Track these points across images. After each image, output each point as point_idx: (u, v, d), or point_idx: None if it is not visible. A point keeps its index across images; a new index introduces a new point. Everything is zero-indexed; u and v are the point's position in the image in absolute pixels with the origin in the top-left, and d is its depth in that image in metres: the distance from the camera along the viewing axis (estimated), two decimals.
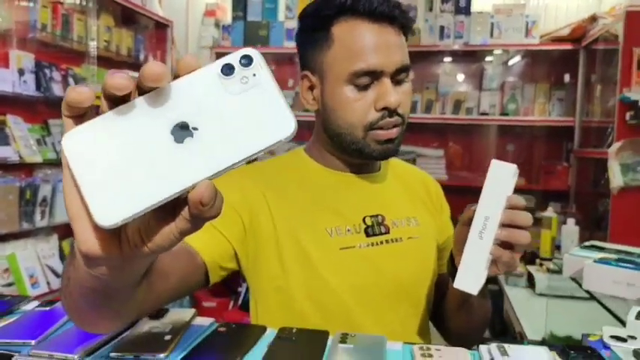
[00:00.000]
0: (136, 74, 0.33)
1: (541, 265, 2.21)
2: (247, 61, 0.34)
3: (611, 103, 2.51)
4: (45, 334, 0.68)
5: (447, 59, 3.42)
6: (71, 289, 0.45)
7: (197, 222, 0.35)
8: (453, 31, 3.11)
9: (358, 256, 0.82)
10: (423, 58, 3.40)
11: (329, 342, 0.71)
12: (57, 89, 2.21)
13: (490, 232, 0.66)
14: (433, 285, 0.92)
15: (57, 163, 2.23)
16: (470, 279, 0.68)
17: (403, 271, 0.85)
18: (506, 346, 0.68)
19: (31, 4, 2.14)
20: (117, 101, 0.33)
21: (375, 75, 0.77)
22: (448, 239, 0.95)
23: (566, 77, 3.07)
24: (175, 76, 0.34)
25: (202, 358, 0.64)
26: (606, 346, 0.73)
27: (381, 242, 0.84)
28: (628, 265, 1.39)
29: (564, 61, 3.09)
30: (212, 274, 0.77)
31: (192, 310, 0.78)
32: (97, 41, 2.42)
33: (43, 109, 2.26)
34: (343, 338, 0.71)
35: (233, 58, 0.34)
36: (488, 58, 3.32)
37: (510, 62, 3.33)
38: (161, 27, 2.93)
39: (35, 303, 0.82)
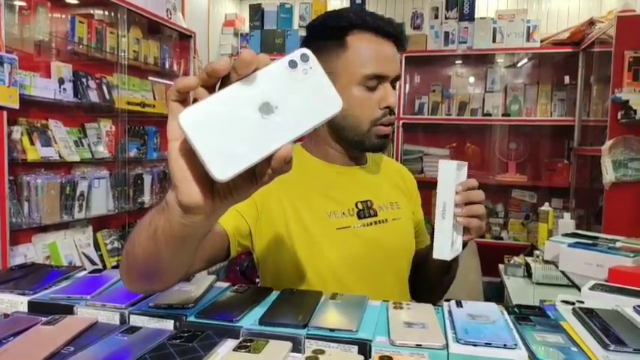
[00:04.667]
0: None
1: (538, 256, 2.34)
2: (305, 57, 0.45)
3: (607, 103, 2.64)
4: (97, 291, 0.84)
5: (453, 63, 3.57)
6: (157, 239, 0.54)
7: (274, 176, 0.47)
8: (457, 37, 3.27)
9: (352, 234, 0.96)
10: (429, 62, 3.57)
11: (322, 299, 0.89)
12: (92, 96, 2.44)
13: (449, 212, 0.85)
14: (411, 258, 1.08)
15: (93, 162, 2.46)
16: (442, 250, 0.86)
17: (389, 246, 1.00)
18: (463, 301, 0.86)
19: (69, 20, 2.38)
20: (211, 89, 0.45)
21: (381, 79, 0.92)
22: (419, 223, 1.14)
23: (566, 79, 3.19)
24: (233, 69, 0.44)
25: (221, 308, 0.79)
26: (557, 310, 0.85)
27: (371, 223, 0.99)
28: (598, 248, 1.54)
29: (565, 63, 3.22)
30: (232, 247, 0.92)
31: (213, 277, 0.98)
32: (127, 52, 2.65)
33: (80, 114, 2.47)
34: (333, 296, 0.89)
35: (295, 56, 0.45)
36: (491, 62, 3.47)
37: (513, 65, 3.46)
38: (184, 37, 3.14)
39: (86, 271, 0.99)
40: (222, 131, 0.42)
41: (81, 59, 2.48)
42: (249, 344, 0.68)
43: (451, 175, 0.85)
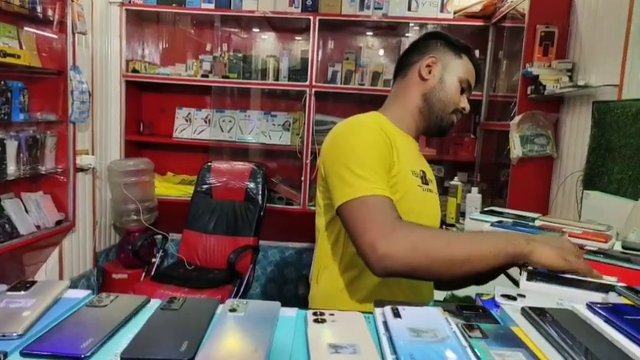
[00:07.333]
0: None
1: (447, 229, 2.31)
2: None
3: (515, 78, 2.64)
4: None
5: (367, 31, 3.42)
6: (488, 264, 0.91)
7: None
8: (373, 2, 3.12)
9: (422, 193, 1.18)
10: (343, 28, 3.39)
11: (218, 311, 0.67)
12: None
13: None
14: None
15: None
16: None
17: (432, 209, 1.22)
18: (399, 308, 0.68)
19: None
20: None
21: (468, 89, 1.24)
22: None
23: (476, 53, 3.18)
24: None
25: (65, 336, 0.56)
26: (497, 305, 0.74)
27: (427, 190, 1.21)
28: (522, 228, 1.48)
29: (476, 37, 3.20)
30: None
31: (65, 282, 0.71)
32: None
33: None
34: (233, 308, 0.68)
35: None
36: (406, 32, 3.37)
37: None
38: None
39: None
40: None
41: None
42: None
43: None
